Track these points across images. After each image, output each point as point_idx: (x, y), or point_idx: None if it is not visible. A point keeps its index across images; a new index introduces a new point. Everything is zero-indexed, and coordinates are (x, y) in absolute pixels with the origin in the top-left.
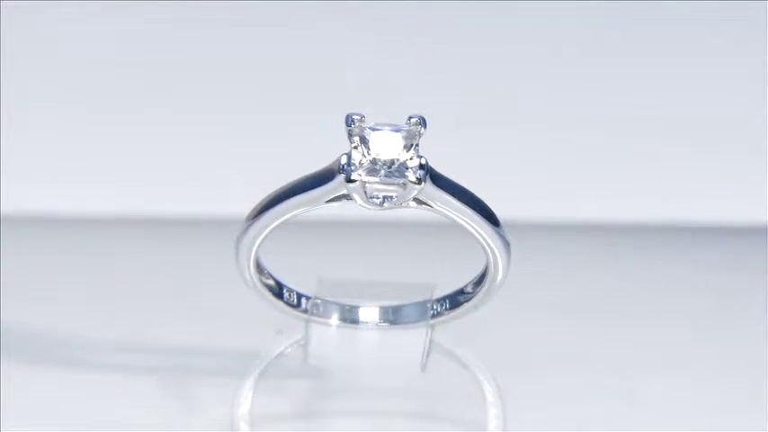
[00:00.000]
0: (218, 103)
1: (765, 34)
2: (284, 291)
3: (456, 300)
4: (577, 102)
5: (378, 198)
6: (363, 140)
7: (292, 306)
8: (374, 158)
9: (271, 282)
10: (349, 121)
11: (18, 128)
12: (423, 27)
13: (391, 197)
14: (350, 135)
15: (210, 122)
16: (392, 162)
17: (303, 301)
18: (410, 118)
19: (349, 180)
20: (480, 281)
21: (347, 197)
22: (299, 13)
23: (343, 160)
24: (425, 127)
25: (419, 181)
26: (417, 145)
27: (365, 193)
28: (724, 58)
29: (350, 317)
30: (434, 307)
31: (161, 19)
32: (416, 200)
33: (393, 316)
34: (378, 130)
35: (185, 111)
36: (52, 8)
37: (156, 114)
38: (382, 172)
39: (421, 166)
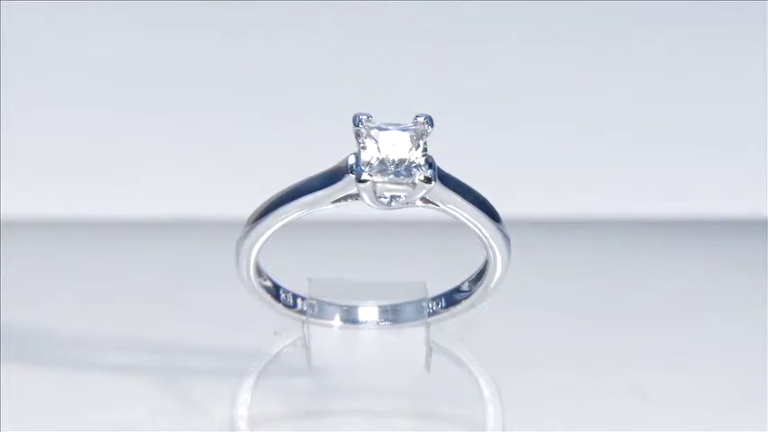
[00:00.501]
0: (220, 104)
1: (765, 34)
2: (281, 292)
3: (452, 298)
4: (575, 100)
5: (385, 198)
6: (371, 140)
7: (289, 307)
8: (383, 158)
9: (268, 283)
10: (356, 120)
11: (16, 131)
12: (425, 27)
13: (399, 196)
14: (357, 135)
15: (211, 123)
16: (401, 161)
17: (299, 301)
18: (417, 117)
19: (360, 180)
20: (477, 279)
21: (353, 197)
22: (301, 12)
23: (351, 160)
24: (432, 126)
25: (429, 180)
26: (425, 144)
27: (374, 192)
28: (724, 58)
29: (349, 317)
30: (430, 305)
31: (161, 20)
32: (423, 199)
33: (393, 315)
34: (386, 129)
35: (185, 111)
36: (52, 8)
37: (156, 114)
38: (391, 171)
39: (430, 165)
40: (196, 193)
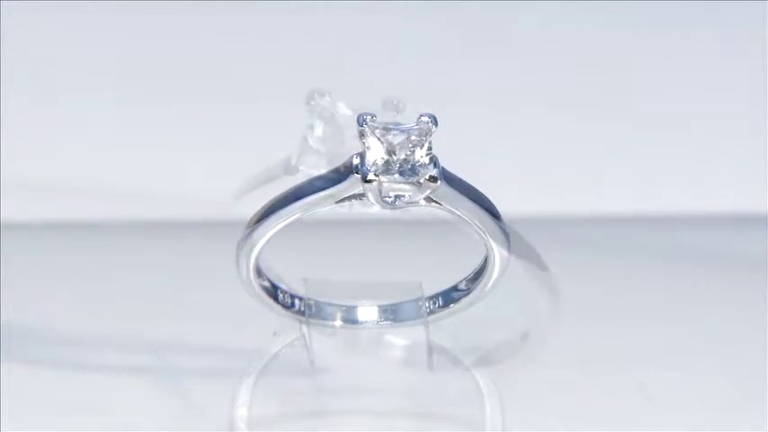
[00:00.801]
0: (220, 104)
1: (765, 34)
2: (279, 292)
3: (449, 296)
4: (575, 100)
5: (390, 197)
6: (376, 140)
7: (287, 308)
8: (388, 158)
9: (267, 284)
10: (361, 120)
11: (16, 131)
12: (425, 27)
13: (403, 196)
14: (362, 135)
15: (211, 123)
16: (406, 161)
17: (296, 302)
18: (421, 116)
19: (366, 180)
20: (476, 277)
21: (357, 197)
22: (301, 12)
23: (356, 160)
24: (437, 125)
25: (435, 179)
26: (430, 143)
27: (380, 192)
28: (724, 58)
29: (349, 317)
30: (427, 304)
31: (161, 20)
32: (426, 198)
33: (392, 315)
34: (390, 128)
35: (186, 111)
36: (52, 8)
37: (156, 115)
38: (396, 171)
39: (435, 165)
40: (196, 193)
